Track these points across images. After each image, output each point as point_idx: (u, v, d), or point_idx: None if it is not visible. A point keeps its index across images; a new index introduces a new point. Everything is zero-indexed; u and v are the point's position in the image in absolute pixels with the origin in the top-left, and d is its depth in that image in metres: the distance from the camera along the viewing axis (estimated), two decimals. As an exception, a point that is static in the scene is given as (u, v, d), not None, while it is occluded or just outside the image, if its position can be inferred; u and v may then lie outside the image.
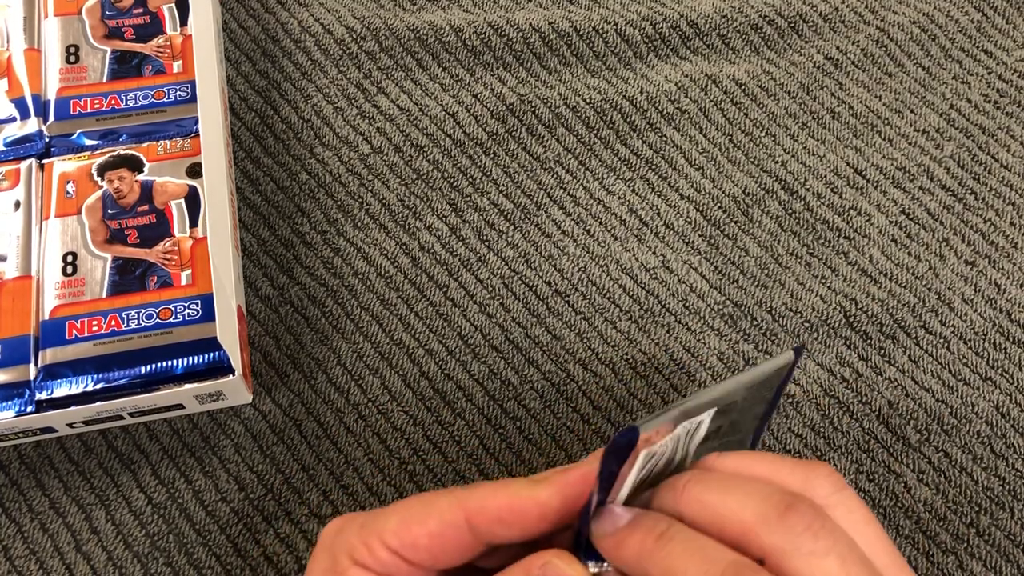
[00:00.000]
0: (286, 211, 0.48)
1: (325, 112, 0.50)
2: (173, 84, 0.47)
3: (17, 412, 0.40)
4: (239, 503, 0.41)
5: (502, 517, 0.25)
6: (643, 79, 0.51)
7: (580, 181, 0.48)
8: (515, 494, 0.25)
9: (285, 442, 0.43)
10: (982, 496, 0.41)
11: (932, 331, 0.45)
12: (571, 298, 0.46)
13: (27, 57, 0.48)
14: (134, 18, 0.49)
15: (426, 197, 0.48)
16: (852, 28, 0.53)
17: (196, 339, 0.41)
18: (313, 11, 0.52)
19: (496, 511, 0.25)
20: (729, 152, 0.49)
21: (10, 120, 0.46)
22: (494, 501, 0.25)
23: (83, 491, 0.41)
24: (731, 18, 0.53)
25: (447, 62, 0.51)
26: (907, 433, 0.43)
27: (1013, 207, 0.48)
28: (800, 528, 0.24)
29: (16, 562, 0.40)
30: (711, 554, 0.24)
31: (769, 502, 0.24)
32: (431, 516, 0.25)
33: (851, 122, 0.50)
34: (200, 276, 0.42)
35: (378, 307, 0.45)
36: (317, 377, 0.44)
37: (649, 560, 0.24)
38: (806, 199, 0.48)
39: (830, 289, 0.46)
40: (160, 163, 0.45)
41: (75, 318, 0.41)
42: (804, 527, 0.24)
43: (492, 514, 0.25)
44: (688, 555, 0.24)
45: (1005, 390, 0.43)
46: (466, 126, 0.49)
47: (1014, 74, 0.51)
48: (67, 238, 0.43)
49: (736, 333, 0.45)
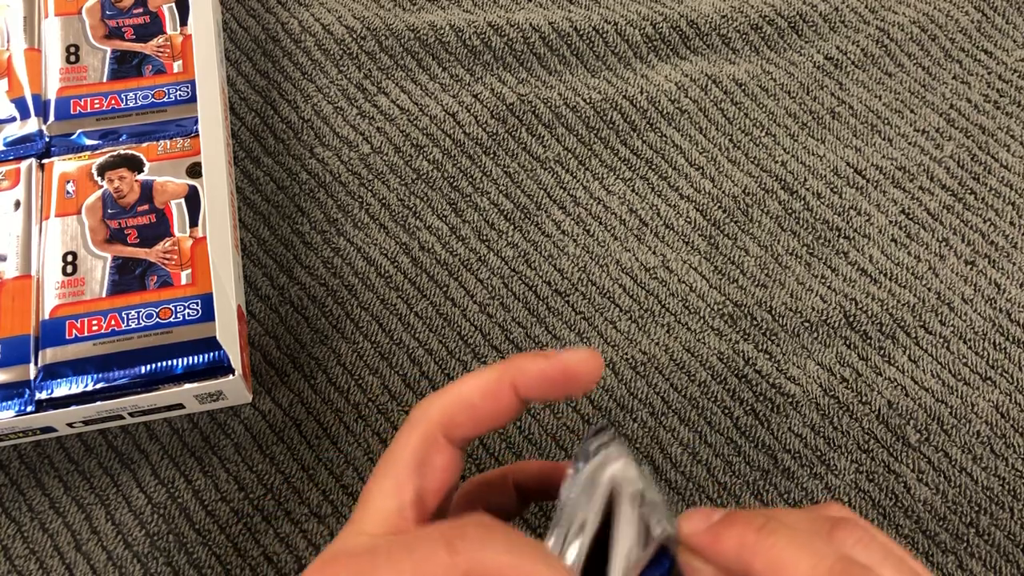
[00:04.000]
0: (286, 211, 0.48)
1: (325, 112, 0.50)
2: (173, 84, 0.47)
3: (17, 412, 0.40)
4: (239, 503, 0.41)
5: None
6: (643, 79, 0.51)
7: (580, 181, 0.48)
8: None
9: (285, 442, 0.43)
10: (982, 496, 0.41)
11: (932, 331, 0.45)
12: (571, 298, 0.46)
13: (27, 57, 0.48)
14: (134, 18, 0.49)
15: (426, 197, 0.48)
16: (852, 28, 0.53)
17: (196, 339, 0.41)
18: (313, 11, 0.52)
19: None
20: (729, 152, 0.49)
21: (10, 120, 0.46)
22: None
23: (83, 491, 0.41)
24: (731, 18, 0.53)
25: (447, 62, 0.51)
26: (907, 433, 0.43)
27: (1013, 207, 0.48)
28: (851, 542, 0.24)
29: (16, 562, 0.40)
30: (819, 548, 0.24)
31: (816, 524, 0.24)
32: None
33: (851, 122, 0.50)
34: (200, 276, 0.42)
35: (378, 307, 0.45)
36: (317, 377, 0.44)
37: (752, 552, 0.24)
38: (806, 199, 0.48)
39: (830, 289, 0.46)
40: (160, 163, 0.45)
41: (75, 318, 0.41)
42: (855, 540, 0.24)
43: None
44: (795, 547, 0.24)
45: (1005, 390, 0.43)
46: (466, 126, 0.49)
47: (1014, 74, 0.51)
48: (67, 238, 0.43)
49: (736, 333, 0.45)
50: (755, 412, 0.43)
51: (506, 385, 0.27)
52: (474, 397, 0.27)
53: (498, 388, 0.27)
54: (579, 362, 0.27)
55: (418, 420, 0.27)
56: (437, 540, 0.23)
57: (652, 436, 0.43)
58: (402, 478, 0.26)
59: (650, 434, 0.43)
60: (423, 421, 0.27)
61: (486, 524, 0.24)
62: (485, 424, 0.27)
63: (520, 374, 0.27)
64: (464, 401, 0.27)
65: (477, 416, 0.27)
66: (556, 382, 0.27)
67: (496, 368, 0.27)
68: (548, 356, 0.27)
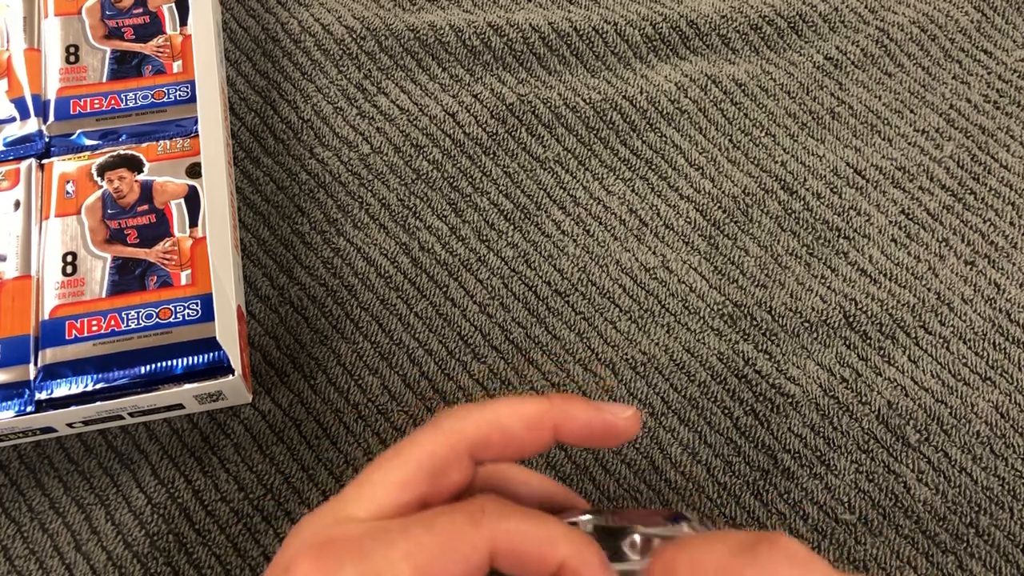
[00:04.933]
0: (286, 211, 0.48)
1: (325, 112, 0.50)
2: (173, 84, 0.47)
3: (17, 412, 0.40)
4: (239, 503, 0.41)
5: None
6: (643, 79, 0.51)
7: (580, 181, 0.48)
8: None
9: (285, 442, 0.43)
10: (982, 496, 0.41)
11: (932, 331, 0.45)
12: (571, 298, 0.46)
13: (27, 57, 0.48)
14: (134, 18, 0.49)
15: (426, 197, 0.48)
16: (852, 28, 0.53)
17: (196, 339, 0.41)
18: (313, 11, 0.52)
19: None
20: (729, 152, 0.49)
21: (10, 120, 0.46)
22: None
23: (83, 491, 0.41)
24: (731, 18, 0.53)
25: (447, 62, 0.51)
26: (907, 433, 0.43)
27: (1013, 207, 0.48)
28: (780, 555, 0.23)
29: (16, 562, 0.40)
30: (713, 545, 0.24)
31: (738, 541, 0.23)
32: (455, 561, 0.24)
33: (851, 122, 0.50)
34: (200, 276, 0.42)
35: (378, 307, 0.45)
36: (317, 377, 0.44)
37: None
38: (806, 199, 0.48)
39: (830, 289, 0.46)
40: (160, 163, 0.45)
41: (75, 318, 0.41)
42: (782, 552, 0.23)
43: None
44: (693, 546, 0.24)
45: (1005, 390, 0.43)
46: (466, 126, 0.49)
47: (1014, 74, 0.51)
48: (67, 238, 0.43)
49: (736, 333, 0.45)
50: (755, 412, 0.43)
51: (548, 423, 0.26)
52: (514, 426, 0.26)
53: (540, 424, 0.26)
54: (623, 420, 0.27)
55: (449, 429, 0.26)
56: (459, 515, 0.24)
57: (652, 436, 0.43)
58: (413, 478, 0.26)
59: (650, 434, 0.43)
60: (455, 433, 0.26)
61: (502, 500, 0.24)
62: (513, 453, 0.27)
63: (566, 419, 0.26)
64: (503, 426, 0.26)
65: (510, 444, 0.26)
66: (596, 434, 0.27)
67: (542, 403, 0.27)
68: (597, 408, 0.27)
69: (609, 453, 0.42)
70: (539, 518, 0.24)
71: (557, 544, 0.23)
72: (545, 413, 0.26)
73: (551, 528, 0.24)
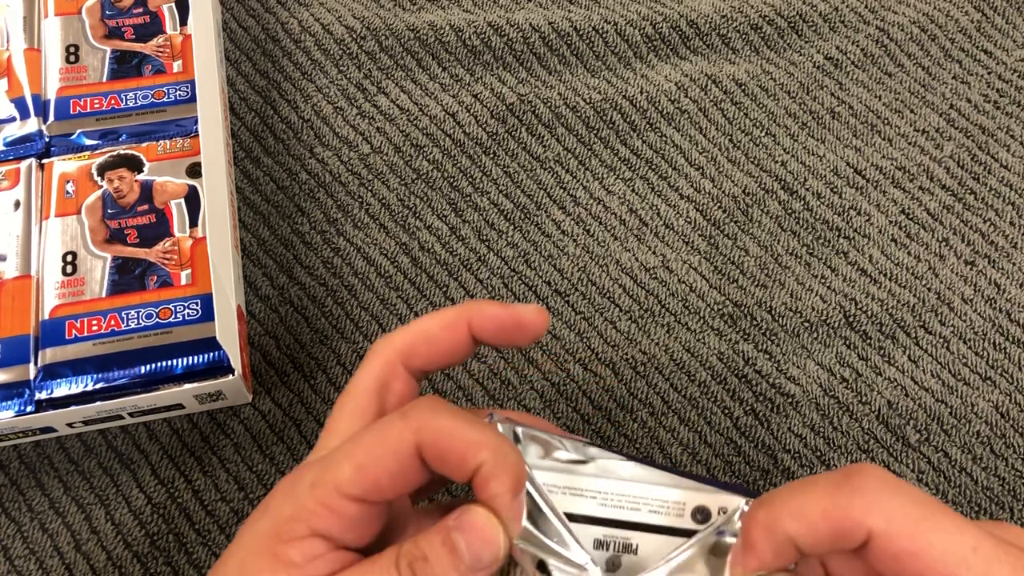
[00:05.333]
0: (286, 211, 0.48)
1: (325, 112, 0.50)
2: (173, 84, 0.47)
3: (17, 412, 0.40)
4: (239, 503, 0.41)
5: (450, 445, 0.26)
6: (643, 79, 0.51)
7: (580, 181, 0.48)
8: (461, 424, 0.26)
9: (285, 442, 0.43)
10: (982, 496, 0.41)
11: (932, 331, 0.45)
12: (571, 298, 0.46)
13: (27, 57, 0.48)
14: (134, 18, 0.49)
15: (426, 197, 0.48)
16: (852, 28, 0.53)
17: (196, 339, 0.41)
18: (313, 11, 0.52)
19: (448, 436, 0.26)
20: (729, 152, 0.49)
21: (10, 120, 0.46)
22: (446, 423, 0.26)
23: (83, 491, 0.41)
24: (731, 18, 0.53)
25: (447, 62, 0.51)
26: (907, 433, 0.43)
27: (1013, 207, 0.48)
28: (877, 482, 0.24)
29: (16, 562, 0.40)
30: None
31: (830, 481, 0.24)
32: (387, 453, 0.25)
33: (851, 122, 0.50)
34: (200, 276, 0.42)
35: (378, 307, 0.45)
36: (317, 377, 0.44)
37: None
38: (806, 199, 0.48)
39: (830, 289, 0.46)
40: (160, 163, 0.45)
41: (75, 318, 0.41)
42: (878, 478, 0.24)
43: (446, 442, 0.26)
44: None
45: (1005, 390, 0.43)
46: (466, 126, 0.49)
47: (1014, 74, 0.51)
48: (67, 238, 0.43)
49: (736, 333, 0.45)
50: (755, 412, 0.43)
51: (463, 322, 0.29)
52: (432, 329, 0.29)
53: (455, 323, 0.29)
54: (529, 314, 0.29)
55: (379, 349, 0.29)
56: (395, 413, 0.26)
57: (652, 436, 0.43)
58: (363, 402, 0.29)
59: (650, 434, 0.43)
60: (386, 348, 0.29)
61: (437, 400, 0.26)
62: (441, 356, 0.30)
63: (477, 314, 0.29)
64: (423, 332, 0.29)
65: (434, 348, 0.29)
66: (506, 328, 0.29)
67: (456, 307, 0.30)
68: (505, 306, 0.30)
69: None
70: (471, 422, 0.25)
71: (479, 448, 0.25)
72: (458, 314, 0.29)
73: (479, 433, 0.25)
